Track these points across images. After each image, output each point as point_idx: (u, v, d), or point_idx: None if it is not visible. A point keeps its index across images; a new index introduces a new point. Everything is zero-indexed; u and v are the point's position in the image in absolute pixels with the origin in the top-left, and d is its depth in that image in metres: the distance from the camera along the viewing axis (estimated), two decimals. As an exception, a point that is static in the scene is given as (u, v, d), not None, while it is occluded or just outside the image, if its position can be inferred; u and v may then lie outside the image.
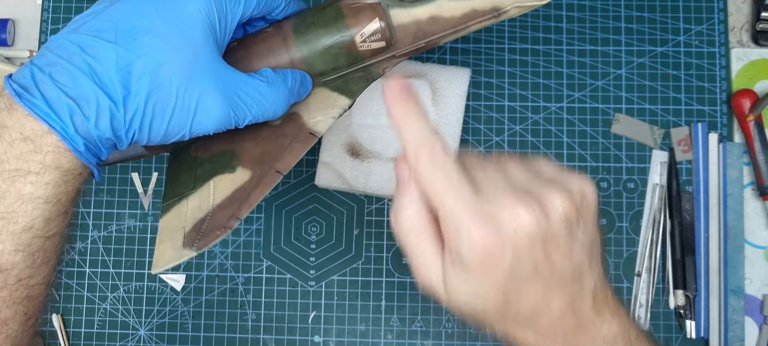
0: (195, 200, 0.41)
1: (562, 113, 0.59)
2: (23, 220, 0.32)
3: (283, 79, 0.39)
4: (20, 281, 0.33)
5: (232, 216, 0.40)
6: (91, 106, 0.32)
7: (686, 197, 0.58)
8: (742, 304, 0.55)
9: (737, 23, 0.61)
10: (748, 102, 0.57)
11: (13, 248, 0.32)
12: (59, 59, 0.33)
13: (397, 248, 0.58)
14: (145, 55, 0.33)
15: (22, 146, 0.32)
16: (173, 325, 0.58)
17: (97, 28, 0.33)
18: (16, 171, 0.32)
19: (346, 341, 0.58)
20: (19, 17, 0.64)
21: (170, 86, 0.34)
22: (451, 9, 0.41)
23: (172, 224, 0.41)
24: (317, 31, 0.41)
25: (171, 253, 0.40)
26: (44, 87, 0.32)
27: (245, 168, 0.41)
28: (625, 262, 0.58)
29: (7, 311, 0.33)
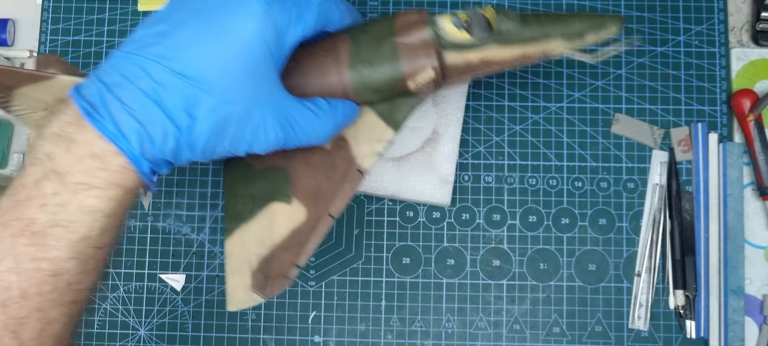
0: (256, 228, 0.44)
1: (562, 113, 0.59)
2: (82, 230, 0.34)
3: (333, 112, 0.41)
4: (69, 285, 0.35)
5: (292, 264, 0.43)
6: (158, 131, 0.34)
7: (686, 197, 0.58)
8: (742, 304, 0.55)
9: (737, 23, 0.61)
10: (748, 102, 0.57)
11: (68, 255, 0.34)
12: (127, 82, 0.34)
13: (397, 248, 0.59)
14: (210, 88, 0.34)
15: (89, 162, 0.33)
16: (173, 325, 0.58)
17: (162, 55, 0.34)
18: (80, 184, 0.33)
19: (346, 341, 0.58)
20: (19, 17, 0.64)
21: (231, 117, 0.36)
22: (502, 53, 0.42)
23: (237, 253, 0.44)
24: (372, 70, 0.41)
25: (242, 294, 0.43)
26: (113, 108, 0.33)
27: (300, 202, 0.43)
28: (625, 262, 0.58)
29: (53, 312, 0.35)
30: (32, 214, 0.33)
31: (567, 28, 0.42)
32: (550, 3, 0.61)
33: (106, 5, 0.62)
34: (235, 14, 0.35)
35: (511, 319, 0.58)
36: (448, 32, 0.41)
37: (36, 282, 0.33)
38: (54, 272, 0.34)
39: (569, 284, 0.58)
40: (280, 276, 0.43)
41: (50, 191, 0.33)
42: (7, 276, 0.33)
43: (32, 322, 0.34)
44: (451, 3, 0.61)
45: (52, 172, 0.33)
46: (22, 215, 0.33)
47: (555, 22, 0.42)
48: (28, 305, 0.33)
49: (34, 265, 0.33)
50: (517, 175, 0.59)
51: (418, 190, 0.56)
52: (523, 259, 0.58)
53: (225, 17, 0.35)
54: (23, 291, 0.33)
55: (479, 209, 0.59)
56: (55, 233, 0.33)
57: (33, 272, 0.33)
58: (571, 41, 0.43)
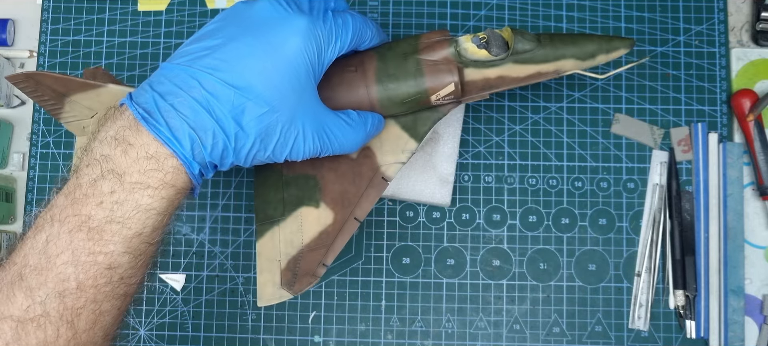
0: (286, 230, 0.47)
1: (562, 113, 0.59)
2: (136, 226, 0.36)
3: (363, 123, 0.44)
4: (122, 279, 0.37)
5: (320, 263, 0.46)
6: (209, 137, 0.37)
7: (686, 197, 0.58)
8: (742, 304, 0.55)
9: (737, 23, 0.61)
10: (748, 102, 0.57)
11: (123, 249, 0.36)
12: (179, 90, 0.36)
13: (397, 248, 0.59)
14: (257, 99, 0.37)
15: (145, 164, 0.36)
16: (173, 325, 0.58)
17: (213, 67, 0.37)
18: (136, 184, 0.36)
19: (346, 341, 0.58)
20: (19, 17, 0.64)
21: (275, 126, 0.39)
22: (518, 71, 0.46)
23: (268, 252, 0.47)
24: (398, 84, 0.45)
25: (272, 291, 0.46)
26: (168, 115, 0.36)
27: (328, 206, 0.47)
28: (625, 262, 0.58)
29: (106, 304, 0.37)
30: (89, 211, 0.35)
31: (580, 49, 0.46)
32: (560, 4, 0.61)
33: (106, 5, 0.62)
34: (283, 31, 0.38)
35: (511, 319, 0.58)
36: (469, 50, 0.45)
37: (92, 275, 0.36)
38: (109, 266, 0.36)
39: (569, 284, 0.58)
40: (307, 274, 0.46)
41: (108, 190, 0.35)
42: (65, 269, 0.35)
43: (87, 313, 0.36)
44: (451, 14, 0.61)
45: (109, 172, 0.35)
46: (79, 212, 0.35)
47: (568, 44, 0.46)
48: (83, 296, 0.36)
49: (90, 258, 0.35)
50: (517, 175, 0.59)
51: (418, 190, 0.56)
52: (523, 259, 0.58)
53: (273, 33, 0.38)
54: (80, 283, 0.35)
55: (479, 209, 0.59)
56: (111, 229, 0.36)
57: (89, 265, 0.35)
58: (583, 61, 0.46)
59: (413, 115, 0.48)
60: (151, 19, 0.62)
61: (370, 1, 0.61)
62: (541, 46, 0.45)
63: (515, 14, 0.61)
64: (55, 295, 0.35)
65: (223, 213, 0.59)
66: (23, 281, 0.35)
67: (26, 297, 0.35)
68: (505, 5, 0.61)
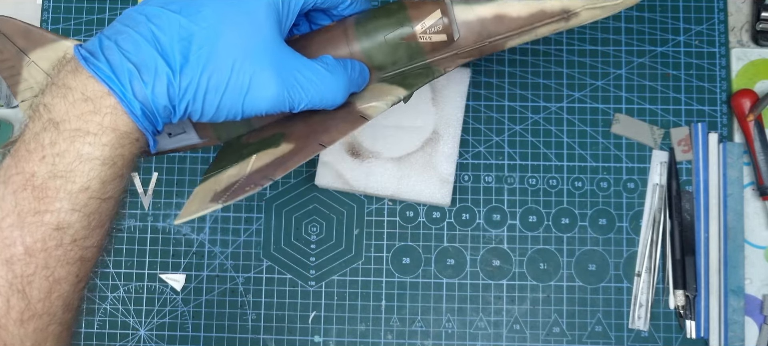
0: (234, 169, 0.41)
1: (562, 113, 0.59)
2: (80, 180, 0.33)
3: (343, 66, 0.39)
4: (75, 242, 0.34)
5: (264, 176, 0.39)
6: (150, 71, 0.33)
7: (686, 197, 0.58)
8: (742, 304, 0.55)
9: (737, 23, 0.61)
10: (748, 102, 0.57)
11: (70, 206, 0.33)
12: (126, 27, 0.34)
13: (397, 248, 0.59)
14: (207, 27, 0.34)
15: (82, 106, 0.33)
16: (173, 325, 0.58)
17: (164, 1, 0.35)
18: (76, 131, 0.33)
19: (346, 341, 0.58)
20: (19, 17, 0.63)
21: (226, 59, 0.35)
22: (518, 8, 0.40)
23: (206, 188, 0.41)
24: (378, 22, 0.41)
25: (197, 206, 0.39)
26: (109, 53, 0.33)
27: (289, 143, 0.40)
28: (625, 262, 0.58)
29: (60, 270, 0.34)
30: (33, 168, 0.33)
31: None
32: None
33: (106, 5, 0.62)
34: None
35: (511, 319, 0.58)
36: None
37: (40, 237, 0.33)
38: (57, 226, 0.33)
39: (569, 284, 0.58)
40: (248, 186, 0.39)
41: (48, 142, 0.33)
42: (11, 232, 0.33)
43: (39, 280, 0.34)
44: None
45: (49, 122, 0.33)
46: (23, 170, 0.33)
47: None
48: (33, 261, 0.33)
49: (37, 219, 0.33)
50: (517, 175, 0.59)
51: (418, 190, 0.56)
52: (523, 259, 0.58)
53: None
54: (27, 247, 0.33)
55: (479, 209, 0.59)
56: (54, 185, 0.33)
57: (36, 226, 0.33)
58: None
59: (402, 74, 0.43)
60: (151, 19, 0.62)
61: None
62: None
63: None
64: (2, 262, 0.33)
65: (223, 213, 0.59)
66: None
67: None
68: (505, 5, 0.61)
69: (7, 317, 0.33)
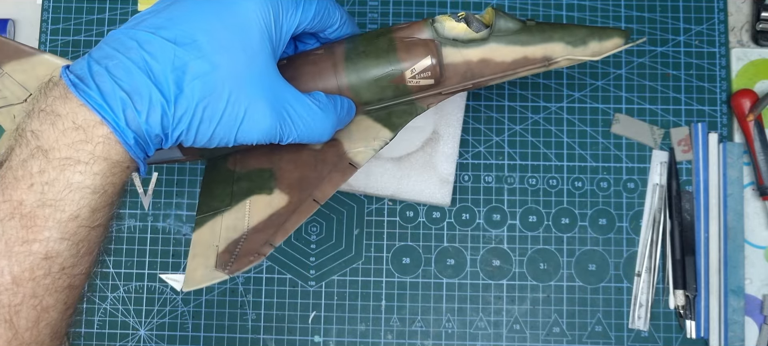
0: (230, 218, 0.41)
1: (562, 113, 0.59)
2: (70, 208, 0.33)
3: (333, 105, 0.40)
4: (63, 270, 0.34)
5: (266, 242, 0.39)
6: (144, 101, 0.33)
7: (686, 197, 0.58)
8: (742, 304, 0.55)
9: (737, 23, 0.61)
10: (748, 102, 0.57)
11: (59, 235, 0.33)
12: (116, 53, 0.33)
13: (397, 248, 0.59)
14: (202, 57, 0.34)
15: (73, 135, 0.32)
16: (173, 325, 0.58)
17: (156, 25, 0.34)
18: (66, 159, 0.32)
19: (346, 341, 0.58)
20: (19, 17, 0.64)
21: (222, 91, 0.34)
22: (503, 53, 0.42)
23: (205, 239, 0.40)
24: (368, 61, 0.41)
25: (203, 272, 0.39)
26: (100, 79, 0.32)
27: (283, 192, 0.41)
28: (625, 262, 0.58)
29: (49, 299, 0.34)
30: (20, 196, 0.32)
31: (570, 35, 0.42)
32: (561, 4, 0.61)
33: (106, 5, 0.62)
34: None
35: (511, 319, 0.58)
36: (447, 27, 0.41)
37: (28, 266, 0.32)
38: (46, 255, 0.33)
39: (569, 284, 0.58)
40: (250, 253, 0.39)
41: (37, 170, 0.32)
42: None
43: (27, 309, 0.33)
44: (451, 4, 0.61)
45: (37, 149, 0.32)
46: (10, 198, 0.32)
47: (557, 29, 0.42)
48: (21, 291, 0.32)
49: (24, 248, 0.32)
50: (517, 175, 0.59)
51: (418, 190, 0.56)
52: (523, 259, 0.58)
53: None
54: (15, 276, 0.32)
55: (479, 209, 0.59)
56: (43, 214, 0.32)
57: (24, 255, 0.32)
58: (574, 47, 0.42)
59: (387, 109, 0.43)
60: (151, 19, 0.62)
61: (371, 1, 0.61)
62: (527, 29, 0.41)
63: (515, 14, 0.61)
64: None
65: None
66: None
67: None
68: (505, 5, 0.61)
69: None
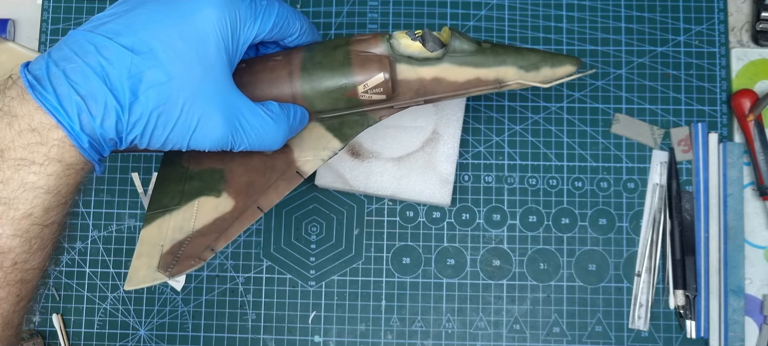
0: (178, 218, 0.42)
1: (562, 113, 0.59)
2: (23, 207, 0.33)
3: (285, 115, 0.40)
4: (15, 265, 0.34)
5: (207, 247, 0.41)
6: (99, 106, 0.33)
7: (686, 196, 0.58)
8: (742, 304, 0.55)
9: (737, 23, 0.61)
10: (748, 102, 0.57)
11: (11, 232, 0.34)
12: (74, 56, 0.33)
13: (397, 248, 0.59)
14: (157, 66, 0.34)
15: (29, 137, 0.33)
16: (173, 325, 0.58)
17: (114, 31, 0.34)
18: (21, 160, 0.33)
19: (346, 341, 0.58)
20: (19, 17, 0.64)
21: (176, 100, 0.35)
22: (456, 73, 0.42)
23: (152, 238, 0.42)
24: (323, 73, 0.42)
25: (144, 273, 0.40)
26: (57, 82, 0.33)
27: (230, 196, 0.42)
28: (625, 262, 0.58)
29: (0, 292, 0.35)
30: None
31: (523, 59, 0.43)
32: (561, 4, 0.61)
33: (106, 5, 0.62)
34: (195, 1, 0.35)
35: (511, 319, 0.58)
36: (402, 44, 0.42)
37: None
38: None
39: (569, 284, 0.58)
40: (191, 257, 0.41)
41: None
42: None
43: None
44: (451, 14, 0.61)
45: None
46: None
47: (510, 52, 0.43)
48: None
49: None
50: (517, 175, 0.59)
51: (418, 190, 0.56)
52: (523, 259, 0.58)
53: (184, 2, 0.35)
54: None
55: (479, 209, 0.59)
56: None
57: None
58: (526, 72, 0.43)
59: (340, 119, 0.44)
60: (151, 19, 0.62)
61: (370, 1, 0.61)
62: (481, 50, 0.42)
63: (515, 14, 0.61)
64: None
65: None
66: None
67: None
68: (505, 5, 0.61)
69: None
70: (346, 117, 0.44)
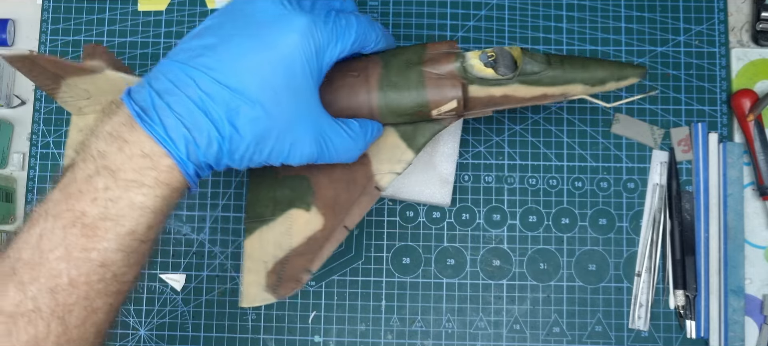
0: (275, 231, 0.47)
1: (562, 113, 0.59)
2: (129, 224, 0.36)
3: (364, 133, 0.44)
4: (115, 277, 0.37)
5: (305, 269, 0.45)
6: (203, 137, 0.37)
7: (686, 196, 0.58)
8: (742, 304, 0.55)
9: (737, 23, 0.61)
10: (748, 102, 0.57)
11: (116, 247, 0.36)
12: (175, 88, 0.36)
13: (397, 248, 0.59)
14: (253, 102, 0.37)
15: (140, 162, 0.36)
16: (173, 325, 0.58)
17: (209, 66, 0.37)
18: (131, 181, 0.36)
19: (346, 341, 0.58)
20: (19, 17, 0.64)
21: (271, 131, 0.38)
22: (524, 91, 0.44)
23: (255, 252, 0.47)
24: (398, 94, 0.44)
25: (256, 292, 0.46)
26: (163, 114, 0.36)
27: (319, 211, 0.46)
28: (625, 262, 0.58)
29: (98, 302, 0.37)
30: (84, 207, 0.35)
31: (590, 75, 0.44)
32: (561, 4, 0.61)
33: (106, 5, 0.62)
34: (280, 30, 0.38)
35: (511, 319, 0.58)
36: (475, 67, 0.43)
37: (84, 272, 0.36)
38: (102, 263, 0.36)
39: (569, 284, 0.58)
40: (292, 279, 0.45)
41: (102, 186, 0.36)
42: (58, 264, 0.35)
43: (78, 309, 0.36)
44: (450, 14, 0.61)
45: (104, 168, 0.36)
46: (73, 207, 0.36)
47: (578, 68, 0.44)
48: (75, 292, 0.36)
49: (83, 255, 0.35)
50: (517, 175, 0.59)
51: (418, 190, 0.56)
52: (523, 259, 0.58)
53: (269, 32, 0.37)
54: (71, 279, 0.35)
55: (479, 209, 0.59)
56: (104, 226, 0.36)
57: (82, 261, 0.36)
58: (592, 87, 0.45)
59: (413, 125, 0.46)
60: (151, 19, 0.62)
61: (371, 1, 0.61)
62: (550, 69, 0.43)
63: (515, 14, 0.61)
64: (47, 290, 0.35)
65: (223, 213, 0.59)
66: (15, 276, 0.35)
67: (18, 292, 0.35)
68: (505, 5, 0.61)
69: (46, 340, 0.35)
70: (418, 124, 0.46)
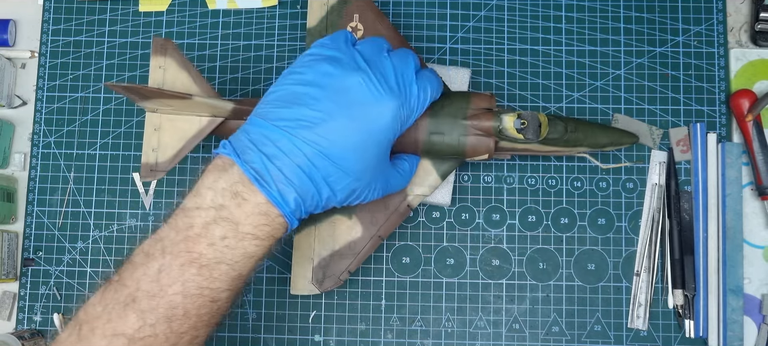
0: (322, 232, 0.54)
1: (561, 113, 0.59)
2: (240, 269, 0.42)
3: (411, 171, 0.52)
4: (219, 311, 0.43)
5: (345, 269, 0.54)
6: (308, 199, 0.43)
7: (685, 196, 0.58)
8: (740, 303, 0.56)
9: (736, 24, 0.61)
10: (747, 102, 0.57)
11: (226, 287, 0.42)
12: (284, 156, 0.42)
13: (397, 248, 0.59)
14: (350, 174, 0.44)
15: (259, 219, 0.42)
16: (174, 324, 0.58)
17: (315, 142, 0.42)
18: (248, 234, 0.42)
19: (346, 340, 0.58)
20: (20, 17, 0.64)
21: (359, 189, 0.46)
22: (542, 149, 0.53)
23: (304, 249, 0.55)
24: (442, 141, 0.51)
25: (303, 284, 0.54)
26: (277, 179, 0.42)
27: (359, 221, 0.54)
28: (624, 261, 0.58)
29: (202, 330, 0.43)
30: (201, 249, 0.41)
31: (595, 140, 0.53)
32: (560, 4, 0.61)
33: (106, 6, 0.63)
34: (375, 113, 0.44)
35: (510, 318, 0.58)
36: (508, 130, 0.50)
37: (197, 305, 0.41)
38: (212, 299, 0.42)
39: (568, 283, 0.58)
40: (334, 277, 0.54)
41: (219, 235, 0.41)
42: (175, 298, 0.40)
43: (187, 337, 0.42)
44: (450, 14, 0.61)
45: (223, 219, 0.41)
46: (191, 249, 0.41)
47: (588, 136, 0.52)
48: (187, 322, 0.41)
49: (198, 292, 0.41)
50: (516, 175, 0.59)
51: (418, 190, 0.57)
52: (523, 258, 0.58)
53: (366, 116, 0.43)
54: (186, 311, 0.41)
55: (479, 209, 0.59)
56: (220, 269, 0.41)
57: (197, 297, 0.41)
58: (594, 149, 0.54)
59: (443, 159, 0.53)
60: (152, 20, 0.62)
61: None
62: (567, 135, 0.52)
63: (515, 14, 0.61)
64: (164, 319, 0.40)
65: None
66: (136, 304, 0.40)
67: (138, 318, 0.40)
68: (505, 5, 0.61)
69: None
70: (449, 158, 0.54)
